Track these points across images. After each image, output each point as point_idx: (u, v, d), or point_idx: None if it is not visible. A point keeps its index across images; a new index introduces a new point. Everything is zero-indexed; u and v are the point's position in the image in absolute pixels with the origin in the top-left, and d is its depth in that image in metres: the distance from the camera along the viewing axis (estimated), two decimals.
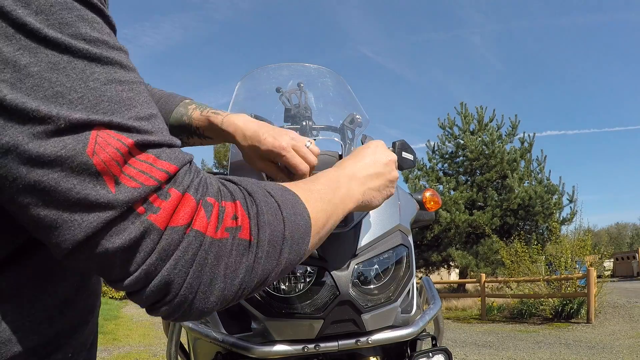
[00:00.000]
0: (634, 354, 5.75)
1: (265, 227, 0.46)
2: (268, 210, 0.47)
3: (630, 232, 58.57)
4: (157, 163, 0.40)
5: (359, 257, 0.94)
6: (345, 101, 1.31)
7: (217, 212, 0.42)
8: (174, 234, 0.40)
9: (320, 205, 0.57)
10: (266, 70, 1.30)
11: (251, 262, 0.45)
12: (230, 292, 0.45)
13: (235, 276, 0.44)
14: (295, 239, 0.50)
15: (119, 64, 0.41)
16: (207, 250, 0.41)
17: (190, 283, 0.41)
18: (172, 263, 0.40)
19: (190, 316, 0.45)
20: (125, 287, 0.41)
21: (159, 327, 8.23)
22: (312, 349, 0.94)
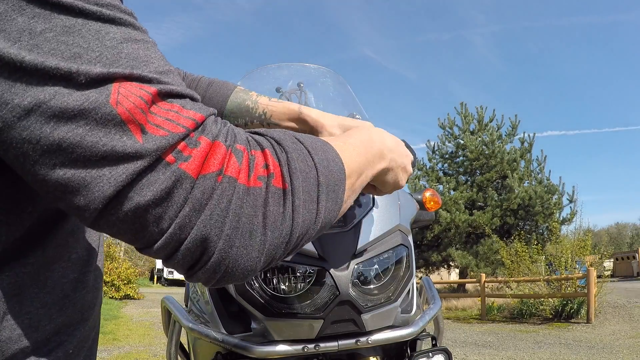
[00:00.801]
0: (634, 354, 5.75)
1: (298, 173, 0.44)
2: (298, 157, 0.45)
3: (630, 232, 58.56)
4: (183, 112, 0.39)
5: (359, 257, 0.94)
6: (345, 101, 1.31)
7: (247, 160, 0.41)
8: (207, 182, 0.38)
9: (354, 156, 0.55)
10: (266, 70, 1.30)
11: (289, 211, 0.43)
12: (272, 245, 0.42)
13: (275, 227, 0.42)
14: (330, 185, 0.47)
15: (132, 25, 0.41)
16: (242, 198, 0.40)
17: (228, 235, 0.39)
18: (207, 213, 0.38)
19: (233, 276, 0.42)
20: (158, 249, 0.39)
21: (159, 327, 8.23)
22: (312, 349, 0.94)
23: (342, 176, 0.50)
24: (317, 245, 0.92)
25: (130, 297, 15.33)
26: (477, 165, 16.94)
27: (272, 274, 0.93)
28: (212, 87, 1.02)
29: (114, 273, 15.14)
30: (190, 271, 0.41)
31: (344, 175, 0.50)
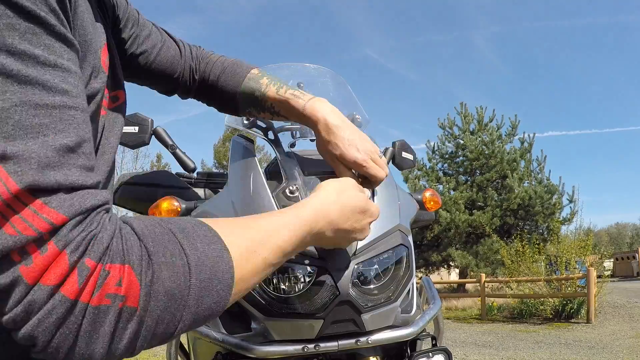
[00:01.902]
0: (633, 354, 5.75)
1: (160, 295, 0.41)
2: (170, 276, 0.42)
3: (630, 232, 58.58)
4: (42, 211, 0.37)
5: (358, 257, 0.94)
6: (345, 101, 1.31)
7: (96, 276, 0.38)
8: (40, 293, 0.36)
9: (259, 267, 0.52)
10: (266, 70, 1.30)
11: (136, 329, 0.41)
12: (114, 355, 0.41)
13: (120, 341, 0.41)
14: (202, 306, 0.45)
15: (41, 85, 0.38)
16: (78, 316, 0.38)
17: (58, 344, 0.38)
18: (35, 321, 0.37)
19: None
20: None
21: None
22: (312, 349, 0.94)
23: (225, 294, 0.47)
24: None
25: None
26: (477, 165, 16.94)
27: (272, 273, 0.93)
28: (224, 76, 1.01)
29: None
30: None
31: (229, 293, 0.48)
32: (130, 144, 1.26)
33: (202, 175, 1.44)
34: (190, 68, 1.02)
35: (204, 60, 1.05)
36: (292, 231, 0.58)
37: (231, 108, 1.05)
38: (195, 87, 1.04)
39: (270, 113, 0.99)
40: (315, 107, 0.92)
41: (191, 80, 1.03)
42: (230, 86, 1.01)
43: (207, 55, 1.06)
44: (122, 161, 26.11)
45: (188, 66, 1.02)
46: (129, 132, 1.26)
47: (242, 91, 0.99)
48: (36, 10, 0.38)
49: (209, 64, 1.04)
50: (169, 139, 1.38)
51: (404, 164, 1.43)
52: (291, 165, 1.04)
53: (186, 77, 1.02)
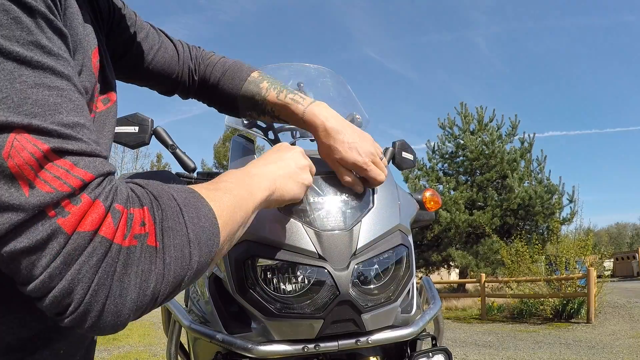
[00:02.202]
0: (633, 354, 5.75)
1: (170, 232, 0.46)
2: (172, 215, 0.47)
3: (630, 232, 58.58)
4: (73, 170, 0.40)
5: (358, 257, 0.94)
6: (345, 101, 1.31)
7: (125, 219, 0.43)
8: (80, 239, 0.40)
9: (228, 200, 0.57)
10: (266, 70, 1.30)
11: (160, 269, 0.45)
12: (143, 301, 0.44)
13: (147, 285, 0.44)
14: (202, 241, 0.50)
15: (50, 69, 0.42)
16: (115, 257, 0.41)
17: (95, 290, 0.41)
18: (77, 268, 0.39)
19: (102, 329, 0.43)
20: (29, 292, 0.40)
21: (159, 327, 8.22)
22: (312, 349, 0.94)
23: (214, 230, 0.52)
24: (317, 245, 0.92)
25: None
26: (477, 165, 16.94)
27: (272, 273, 0.93)
28: (225, 79, 1.02)
29: None
30: (58, 317, 0.42)
31: (217, 230, 0.53)
32: (130, 144, 1.26)
33: (202, 175, 1.44)
34: (189, 69, 1.03)
35: (204, 61, 1.05)
36: (235, 172, 0.67)
37: (232, 110, 1.06)
38: (195, 87, 1.05)
39: (270, 117, 1.00)
40: (314, 113, 0.93)
41: (190, 80, 1.04)
42: (230, 89, 1.01)
43: (208, 57, 1.06)
44: (122, 161, 26.15)
45: (187, 67, 1.02)
46: (129, 132, 1.26)
47: (242, 95, 1.00)
48: (37, 5, 0.42)
49: (209, 65, 1.04)
50: (169, 139, 1.38)
51: (404, 164, 1.43)
52: None
53: (185, 77, 1.03)
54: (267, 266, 0.93)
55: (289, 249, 0.92)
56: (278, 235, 0.92)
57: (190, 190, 0.54)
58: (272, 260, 0.92)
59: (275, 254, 0.92)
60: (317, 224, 0.94)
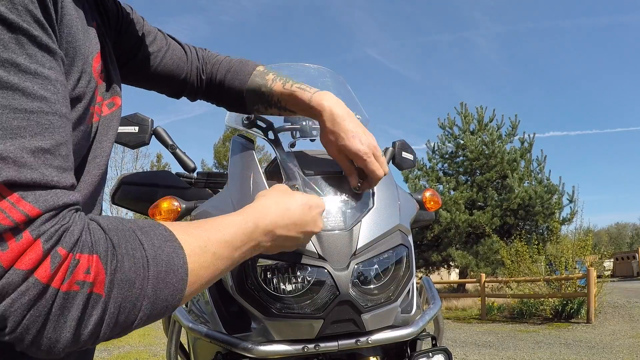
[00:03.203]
0: (634, 354, 5.75)
1: (122, 284, 0.45)
2: (131, 267, 0.46)
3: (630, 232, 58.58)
4: (19, 204, 0.40)
5: (358, 257, 0.94)
6: (345, 101, 1.30)
7: (67, 264, 0.42)
8: (15, 276, 0.39)
9: (210, 261, 0.55)
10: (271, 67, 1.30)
11: (101, 316, 0.45)
12: (79, 340, 0.44)
13: (85, 328, 0.44)
14: (161, 297, 0.49)
15: (21, 91, 0.41)
16: (49, 300, 0.41)
17: (27, 326, 0.41)
18: (9, 302, 0.40)
19: (37, 354, 0.43)
20: None
21: (159, 327, 8.23)
22: (312, 349, 0.94)
23: (180, 287, 0.51)
24: (317, 245, 0.92)
25: None
26: (477, 165, 16.94)
27: (272, 273, 0.93)
28: (230, 75, 1.03)
29: None
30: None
31: (184, 287, 0.51)
32: (130, 144, 1.26)
33: (202, 175, 1.44)
34: (197, 69, 1.04)
35: (210, 61, 1.06)
36: (236, 227, 0.63)
37: (239, 106, 1.06)
38: (202, 88, 1.06)
39: (277, 108, 1.00)
40: (322, 98, 0.94)
41: (198, 81, 1.05)
42: (237, 84, 1.02)
43: (214, 56, 1.07)
44: (122, 161, 26.15)
45: (195, 67, 1.03)
46: (129, 132, 1.26)
47: (248, 88, 1.01)
48: (20, 22, 0.42)
49: (215, 64, 1.05)
50: (169, 139, 1.38)
51: (404, 164, 1.43)
52: (291, 165, 1.04)
53: (193, 78, 1.04)
54: (267, 266, 0.93)
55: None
56: None
57: (170, 238, 0.52)
58: (272, 260, 0.92)
59: (275, 254, 0.92)
60: None
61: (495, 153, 16.39)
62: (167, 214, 1.12)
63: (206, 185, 1.39)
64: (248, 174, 1.03)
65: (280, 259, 0.92)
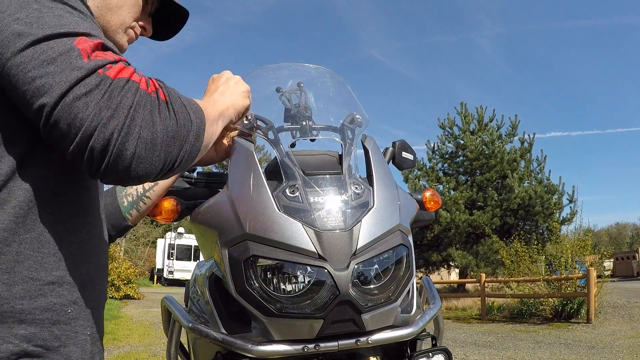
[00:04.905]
0: (634, 354, 5.76)
1: (172, 96, 0.69)
2: (171, 91, 0.70)
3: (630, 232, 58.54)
4: (109, 54, 0.65)
5: (358, 257, 0.94)
6: (345, 101, 1.31)
7: (145, 78, 0.66)
8: (120, 81, 0.63)
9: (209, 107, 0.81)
10: (266, 70, 1.30)
11: (173, 114, 0.67)
12: (167, 135, 0.65)
13: (166, 123, 0.65)
14: (195, 110, 0.72)
15: (90, 19, 0.71)
16: (144, 96, 0.64)
17: (133, 116, 0.62)
18: (118, 99, 0.61)
19: (137, 159, 0.62)
20: (81, 137, 0.60)
21: (158, 327, 8.22)
22: (312, 349, 0.94)
23: (201, 112, 0.74)
24: (317, 245, 0.92)
25: (130, 297, 15.31)
26: (477, 165, 16.92)
27: (272, 273, 0.93)
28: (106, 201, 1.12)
29: (113, 273, 15.12)
30: (102, 157, 0.61)
31: (203, 113, 0.74)
32: None
33: (202, 175, 1.44)
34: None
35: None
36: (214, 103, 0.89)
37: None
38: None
39: (141, 195, 1.12)
40: None
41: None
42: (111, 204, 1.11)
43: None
44: None
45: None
46: None
47: (119, 197, 1.11)
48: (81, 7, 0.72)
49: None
50: None
51: (404, 164, 1.43)
52: (291, 165, 1.04)
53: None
54: (267, 266, 0.93)
55: (289, 249, 0.92)
56: (278, 235, 0.92)
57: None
58: (272, 260, 0.92)
59: (275, 254, 0.92)
60: (317, 224, 0.94)
61: (495, 153, 16.38)
62: (167, 214, 1.12)
63: (206, 185, 1.39)
64: (248, 174, 1.03)
65: (280, 259, 0.92)
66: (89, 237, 0.76)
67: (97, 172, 0.62)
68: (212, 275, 1.11)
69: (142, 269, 28.33)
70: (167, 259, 27.15)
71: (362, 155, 1.18)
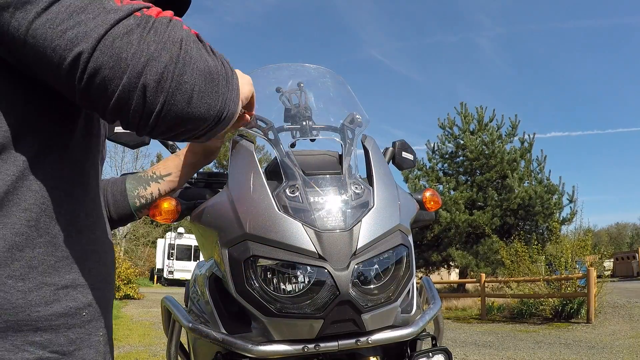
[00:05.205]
0: (634, 354, 5.76)
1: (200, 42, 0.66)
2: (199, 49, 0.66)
3: (630, 232, 58.52)
4: (142, 1, 0.61)
5: (358, 257, 0.94)
6: (345, 101, 1.31)
7: (181, 22, 0.63)
8: (163, 19, 0.59)
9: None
10: (266, 70, 1.30)
11: (217, 58, 0.64)
12: (213, 72, 0.61)
13: (216, 63, 0.62)
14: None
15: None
16: (189, 33, 0.61)
17: (185, 46, 0.59)
18: (167, 35, 0.58)
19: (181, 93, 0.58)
20: (131, 75, 0.55)
21: (158, 327, 8.22)
22: (312, 349, 0.94)
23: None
24: (317, 245, 0.92)
25: (130, 297, 15.32)
26: (477, 165, 16.93)
27: (272, 273, 0.93)
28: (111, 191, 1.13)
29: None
30: (146, 95, 0.56)
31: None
32: (130, 144, 1.26)
33: (202, 175, 1.44)
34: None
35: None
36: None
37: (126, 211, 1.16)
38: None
39: (154, 181, 1.13)
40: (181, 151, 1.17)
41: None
42: (117, 195, 1.11)
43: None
44: (122, 161, 26.16)
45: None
46: (129, 132, 1.26)
47: (128, 190, 1.11)
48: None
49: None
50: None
51: (404, 164, 1.43)
52: (291, 165, 1.04)
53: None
54: (267, 266, 0.93)
55: (289, 249, 0.92)
56: (278, 235, 0.92)
57: None
58: (272, 260, 0.92)
59: (275, 254, 0.92)
60: (317, 224, 0.94)
61: (495, 153, 16.38)
62: (167, 214, 1.12)
63: (206, 185, 1.39)
64: (248, 174, 1.03)
65: (280, 259, 0.92)
66: (97, 237, 0.73)
67: (151, 116, 0.57)
68: (212, 275, 1.11)
69: (142, 269, 28.35)
70: (167, 259, 27.16)
71: (362, 155, 1.18)
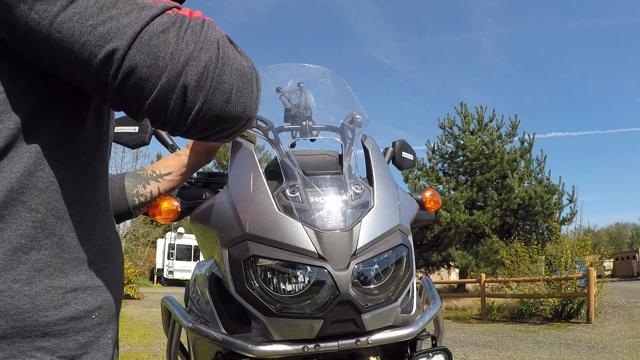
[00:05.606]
0: (634, 354, 5.76)
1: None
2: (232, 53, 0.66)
3: (630, 232, 58.51)
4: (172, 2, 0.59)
5: (358, 257, 0.94)
6: (345, 101, 1.31)
7: (213, 23, 0.62)
8: (197, 19, 0.58)
9: None
10: (266, 71, 1.30)
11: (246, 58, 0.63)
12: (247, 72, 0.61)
13: (248, 63, 0.62)
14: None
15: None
16: (222, 35, 0.60)
17: (221, 49, 0.58)
18: (201, 34, 0.57)
19: (223, 84, 0.57)
20: (171, 73, 0.53)
21: (158, 327, 8.22)
22: (312, 349, 0.94)
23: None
24: (317, 245, 0.92)
25: (130, 297, 15.32)
26: (477, 165, 16.92)
27: (272, 273, 0.93)
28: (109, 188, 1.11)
29: None
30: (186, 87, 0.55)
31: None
32: (130, 144, 1.26)
33: (202, 175, 1.44)
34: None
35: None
36: None
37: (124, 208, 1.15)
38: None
39: (153, 180, 1.12)
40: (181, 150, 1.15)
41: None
42: (116, 192, 1.10)
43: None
44: (122, 161, 26.16)
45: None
46: (129, 132, 1.26)
47: (127, 187, 1.10)
48: None
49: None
50: (169, 139, 1.38)
51: (404, 164, 1.43)
52: (291, 165, 1.04)
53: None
54: (267, 266, 0.93)
55: (289, 249, 0.92)
56: (278, 235, 0.92)
57: None
58: (272, 260, 0.92)
59: (275, 254, 0.92)
60: (317, 224, 0.94)
61: (495, 153, 16.38)
62: (167, 214, 1.12)
63: (206, 185, 1.39)
64: (248, 174, 1.03)
65: (280, 259, 0.92)
66: (106, 236, 0.69)
67: (189, 116, 0.56)
68: (212, 275, 1.11)
69: (142, 269, 28.36)
70: (167, 259, 27.16)
71: (362, 155, 1.18)
